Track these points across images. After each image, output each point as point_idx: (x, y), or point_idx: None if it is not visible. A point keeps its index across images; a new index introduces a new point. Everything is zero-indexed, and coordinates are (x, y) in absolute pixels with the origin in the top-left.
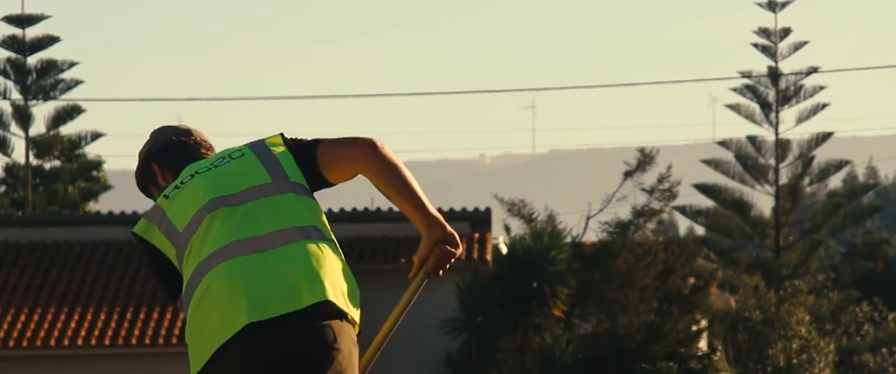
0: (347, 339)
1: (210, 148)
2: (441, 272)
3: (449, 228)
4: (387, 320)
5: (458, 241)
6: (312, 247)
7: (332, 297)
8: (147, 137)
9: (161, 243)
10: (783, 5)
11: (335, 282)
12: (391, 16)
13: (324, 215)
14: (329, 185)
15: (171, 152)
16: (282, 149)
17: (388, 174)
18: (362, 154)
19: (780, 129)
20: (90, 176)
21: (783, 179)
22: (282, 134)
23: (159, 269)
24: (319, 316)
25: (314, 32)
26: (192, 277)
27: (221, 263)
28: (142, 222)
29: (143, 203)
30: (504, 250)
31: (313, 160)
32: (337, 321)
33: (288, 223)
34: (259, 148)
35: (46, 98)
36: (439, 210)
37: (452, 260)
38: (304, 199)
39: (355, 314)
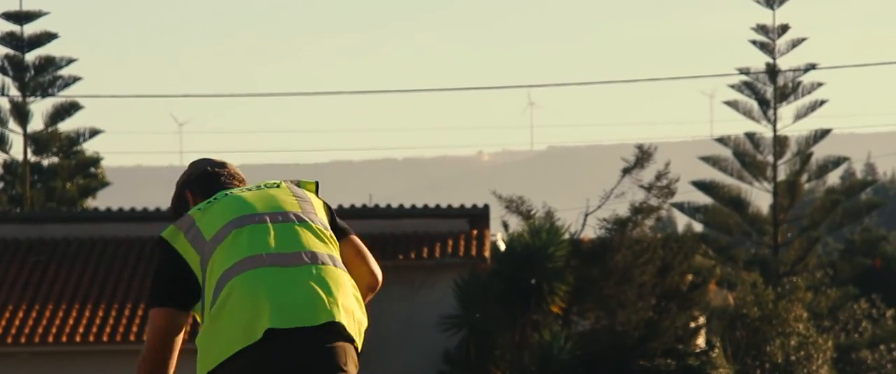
0: (353, 363)
1: (242, 181)
2: None
3: None
4: None
5: None
6: (331, 272)
7: (344, 320)
8: (184, 166)
9: (184, 249)
10: (781, 2)
11: (349, 308)
12: (389, 12)
13: (340, 253)
14: None
15: (204, 182)
16: (316, 197)
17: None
18: (365, 282)
19: (779, 125)
20: (88, 173)
21: (781, 176)
22: (317, 183)
23: (167, 273)
24: (332, 336)
25: (312, 29)
26: (217, 284)
27: (246, 271)
28: (170, 228)
29: (141, 200)
30: (502, 246)
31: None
32: (347, 344)
33: (312, 248)
34: (294, 185)
35: (44, 95)
36: (437, 207)
37: None
38: (329, 234)
39: (359, 341)
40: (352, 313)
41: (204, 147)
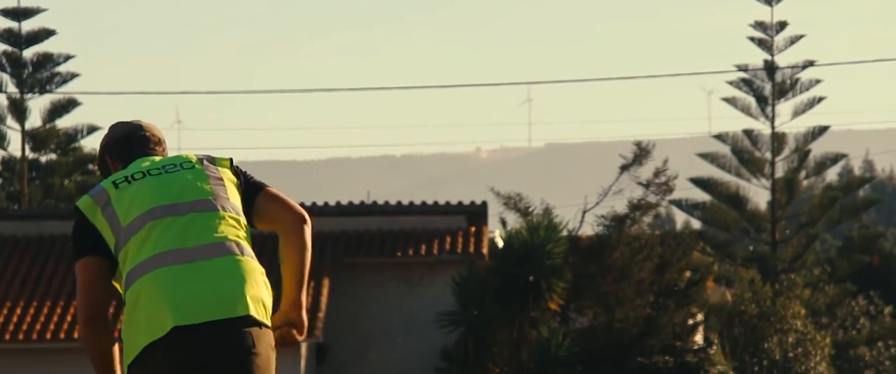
0: (265, 344)
1: (160, 143)
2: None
3: (304, 315)
4: None
5: (305, 329)
6: (239, 261)
7: (251, 309)
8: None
9: (101, 226)
10: None
11: (256, 295)
12: (387, 10)
13: (249, 237)
14: (250, 225)
15: (122, 145)
16: (229, 174)
17: (299, 250)
18: (293, 224)
19: (777, 122)
20: (86, 169)
21: (779, 173)
22: (231, 159)
23: (85, 234)
24: (240, 324)
25: (310, 26)
26: (127, 278)
27: (155, 269)
28: (87, 199)
29: None
30: (500, 243)
31: (250, 201)
32: (256, 329)
33: (220, 239)
34: (209, 166)
35: (42, 91)
36: (435, 204)
37: (291, 343)
38: (238, 219)
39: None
40: (259, 299)
41: (202, 144)
